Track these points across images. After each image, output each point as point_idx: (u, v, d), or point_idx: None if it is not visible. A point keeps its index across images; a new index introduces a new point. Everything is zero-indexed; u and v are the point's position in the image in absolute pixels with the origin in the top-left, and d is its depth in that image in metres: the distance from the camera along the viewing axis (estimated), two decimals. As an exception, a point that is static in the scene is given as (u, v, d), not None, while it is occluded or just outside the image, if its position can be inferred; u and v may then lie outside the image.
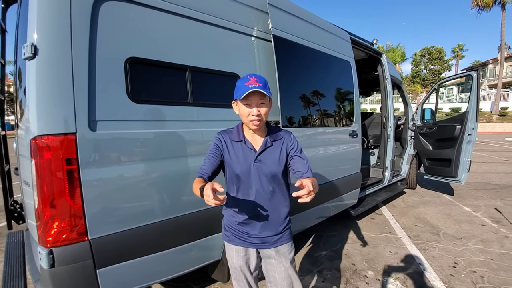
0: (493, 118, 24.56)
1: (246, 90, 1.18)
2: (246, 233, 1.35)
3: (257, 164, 1.29)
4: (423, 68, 40.61)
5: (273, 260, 1.39)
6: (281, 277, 1.38)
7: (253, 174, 1.29)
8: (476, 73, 4.27)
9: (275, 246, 1.37)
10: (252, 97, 1.20)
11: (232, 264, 1.42)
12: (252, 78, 1.21)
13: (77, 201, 1.39)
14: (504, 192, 5.20)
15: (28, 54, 1.29)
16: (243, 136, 1.33)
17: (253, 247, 1.37)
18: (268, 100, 1.25)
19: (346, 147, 3.16)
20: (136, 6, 1.59)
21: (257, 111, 1.21)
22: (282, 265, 1.38)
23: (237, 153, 1.31)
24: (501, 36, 24.77)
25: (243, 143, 1.31)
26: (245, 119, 1.25)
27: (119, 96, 1.52)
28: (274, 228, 1.35)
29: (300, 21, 2.59)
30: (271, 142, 1.32)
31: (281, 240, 1.37)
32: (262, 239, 1.35)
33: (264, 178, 1.30)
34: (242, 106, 1.23)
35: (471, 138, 4.24)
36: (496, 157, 9.52)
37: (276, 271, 1.39)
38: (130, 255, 1.56)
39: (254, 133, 1.32)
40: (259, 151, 1.30)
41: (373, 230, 3.47)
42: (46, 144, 1.32)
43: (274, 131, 1.37)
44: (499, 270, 2.52)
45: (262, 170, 1.29)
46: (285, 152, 1.33)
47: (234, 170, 1.30)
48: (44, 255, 1.34)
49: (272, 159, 1.31)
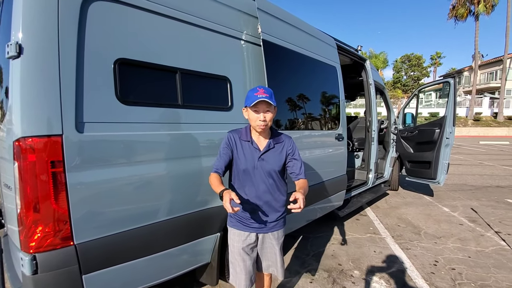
0: (468, 123, 25.79)
1: (255, 99, 1.42)
2: (248, 219, 1.58)
3: (260, 161, 1.53)
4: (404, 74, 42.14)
5: (270, 241, 1.64)
6: (273, 256, 1.67)
7: (256, 170, 1.53)
8: (453, 80, 4.50)
9: (271, 231, 1.62)
10: (260, 105, 1.45)
11: (233, 248, 1.62)
12: (260, 89, 1.45)
13: (63, 205, 1.35)
14: (479, 193, 5.47)
15: (12, 53, 1.25)
16: (250, 137, 1.56)
17: (253, 231, 1.60)
18: (273, 108, 1.49)
19: (332, 150, 3.24)
20: (126, 7, 1.57)
21: (263, 117, 1.46)
22: (275, 247, 1.65)
23: (244, 151, 1.54)
24: (475, 45, 26.16)
25: (250, 143, 1.55)
26: (253, 123, 1.50)
27: (108, 98, 1.50)
28: (272, 216, 1.59)
29: (289, 26, 2.64)
30: (274, 144, 1.57)
31: (277, 226, 1.63)
32: (261, 225, 1.58)
33: (265, 173, 1.54)
34: (251, 112, 1.47)
35: (449, 141, 4.45)
36: (471, 160, 10.00)
37: (269, 251, 1.66)
38: (117, 260, 1.53)
39: (259, 135, 1.56)
40: (263, 151, 1.54)
41: (358, 231, 3.56)
42: (30, 146, 1.28)
43: (276, 135, 1.62)
44: (475, 267, 2.65)
45: (264, 167, 1.53)
46: (284, 154, 1.58)
47: (241, 165, 1.53)
48: (27, 261, 1.29)
49: (273, 158, 1.55)
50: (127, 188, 1.56)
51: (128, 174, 1.56)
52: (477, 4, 24.52)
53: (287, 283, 2.39)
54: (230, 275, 1.66)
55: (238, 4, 2.21)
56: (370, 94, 4.40)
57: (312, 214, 3.00)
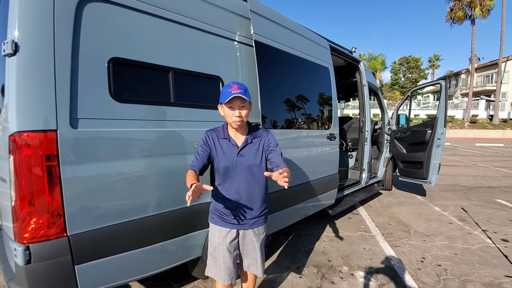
0: (465, 125, 26.02)
1: (229, 95, 1.42)
2: (229, 216, 1.58)
3: (239, 157, 1.53)
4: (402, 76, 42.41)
5: (250, 238, 1.64)
6: (253, 253, 1.66)
7: (235, 166, 1.53)
8: (444, 82, 4.59)
9: (252, 228, 1.62)
10: (234, 101, 1.45)
11: (213, 243, 1.63)
12: (234, 85, 1.45)
13: (57, 198, 1.40)
14: (471, 193, 5.56)
15: (9, 51, 1.30)
16: (228, 134, 1.56)
17: (234, 227, 1.60)
18: (248, 104, 1.50)
19: (324, 149, 3.31)
20: (121, 8, 1.63)
21: (238, 113, 1.46)
22: (255, 244, 1.65)
23: (222, 149, 1.54)
24: (472, 48, 26.39)
25: (227, 140, 1.55)
26: (229, 120, 1.50)
27: (102, 95, 1.55)
28: (252, 212, 1.60)
29: (281, 28, 2.71)
30: (251, 139, 1.57)
31: (257, 222, 1.64)
32: (242, 221, 1.59)
33: (245, 169, 1.54)
34: (227, 108, 1.47)
35: (440, 142, 4.53)
36: (465, 161, 10.12)
37: (250, 248, 1.66)
38: (109, 252, 1.58)
39: (236, 131, 1.56)
40: (241, 147, 1.54)
41: (350, 229, 3.63)
42: (25, 140, 1.33)
43: (253, 129, 1.62)
44: (461, 263, 2.73)
45: (243, 163, 1.54)
46: (262, 148, 1.59)
47: (220, 163, 1.54)
48: (20, 251, 1.34)
49: (252, 153, 1.56)
50: (119, 183, 1.62)
51: (120, 169, 1.62)
52: (473, 8, 24.75)
53: (277, 278, 2.45)
54: (208, 266, 1.66)
55: (231, 6, 2.27)
56: (364, 95, 4.47)
57: (303, 211, 3.06)
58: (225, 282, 1.62)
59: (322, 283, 2.39)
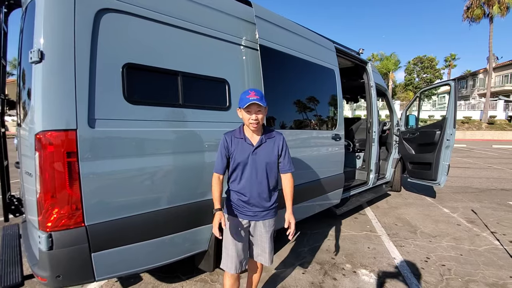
0: (482, 126, 25.19)
1: (248, 101, 1.60)
2: (243, 207, 1.75)
3: (253, 155, 1.71)
4: (416, 76, 41.44)
5: (260, 229, 1.79)
6: (263, 243, 1.81)
7: (250, 163, 1.71)
8: (454, 82, 4.54)
9: (263, 219, 1.78)
10: (251, 107, 1.63)
11: (226, 233, 1.76)
12: (252, 92, 1.63)
13: (76, 191, 1.55)
14: (483, 195, 5.45)
15: (35, 59, 1.46)
16: (244, 135, 1.74)
17: (246, 218, 1.77)
18: (263, 109, 1.67)
19: (329, 149, 3.37)
20: (134, 18, 1.77)
21: (255, 117, 1.64)
22: (264, 235, 1.79)
23: (239, 147, 1.72)
24: (489, 47, 25.56)
25: (243, 140, 1.73)
26: (247, 122, 1.68)
27: (116, 97, 1.70)
28: (264, 205, 1.76)
29: (286, 31, 2.80)
30: (266, 139, 1.75)
31: (268, 215, 1.79)
32: (255, 213, 1.76)
33: (258, 166, 1.71)
34: (244, 112, 1.66)
35: (450, 143, 4.49)
36: (480, 163, 9.85)
37: (259, 239, 1.80)
38: (122, 241, 1.72)
39: (253, 132, 1.73)
40: (256, 146, 1.72)
41: (355, 229, 3.66)
42: (49, 139, 1.48)
43: (268, 131, 1.79)
44: (466, 264, 2.73)
45: (257, 160, 1.71)
46: (276, 149, 1.76)
47: (236, 160, 1.71)
48: (44, 238, 1.50)
49: (265, 152, 1.73)
50: (132, 178, 1.75)
51: (133, 166, 1.75)
52: (491, 6, 23.98)
53: (281, 274, 2.54)
54: (222, 259, 1.79)
55: (237, 12, 2.39)
56: (371, 96, 4.49)
57: (308, 209, 3.13)
58: (236, 271, 1.75)
59: (324, 279, 2.45)
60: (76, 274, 1.59)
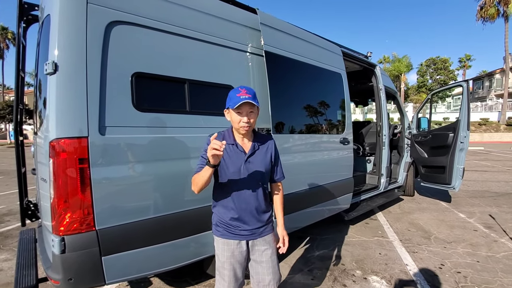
0: (501, 128, 24.29)
1: (239, 100, 1.34)
2: (238, 227, 1.49)
3: (247, 164, 1.46)
4: (429, 78, 40.55)
5: (259, 248, 1.54)
6: (263, 261, 1.54)
7: (242, 173, 1.45)
8: (466, 83, 4.43)
9: (261, 236, 1.54)
10: (243, 107, 1.37)
11: (221, 257, 1.50)
12: (243, 90, 1.38)
13: (87, 196, 1.60)
14: (501, 200, 5.24)
15: (50, 70, 1.54)
16: (234, 140, 1.48)
17: (243, 239, 1.50)
18: (256, 109, 1.43)
19: (338, 153, 3.34)
20: (142, 28, 1.84)
21: (247, 119, 1.39)
22: (268, 252, 1.54)
23: (229, 154, 1.45)
24: (505, 47, 24.80)
25: (234, 146, 1.47)
26: (236, 125, 1.42)
27: (126, 105, 1.76)
28: (260, 220, 1.53)
29: (291, 37, 2.83)
30: (258, 146, 1.51)
31: (266, 230, 1.56)
32: (252, 231, 1.50)
33: (252, 177, 1.47)
34: (234, 114, 1.40)
35: (464, 146, 4.36)
36: (499, 166, 9.48)
37: (263, 255, 1.54)
38: (132, 245, 1.76)
39: (243, 137, 1.49)
40: (249, 154, 1.47)
41: (366, 234, 3.59)
42: (62, 146, 1.55)
43: (260, 136, 1.56)
44: (482, 271, 2.62)
45: (251, 170, 1.46)
46: (269, 156, 1.54)
47: (227, 170, 1.45)
48: (57, 242, 1.55)
49: (260, 161, 1.49)
50: (142, 183, 1.80)
51: (142, 171, 1.81)
52: (506, 4, 23.34)
53: (289, 279, 2.51)
54: (216, 282, 1.54)
55: (243, 20, 2.44)
56: (381, 99, 4.44)
57: (316, 214, 3.10)
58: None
59: (334, 286, 2.41)
60: (87, 277, 1.63)
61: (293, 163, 2.66)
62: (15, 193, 2.51)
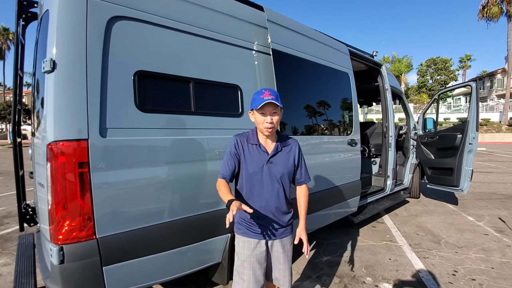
0: (502, 128, 24.18)
1: (262, 101, 1.40)
2: (258, 226, 1.52)
3: (269, 165, 1.51)
4: (429, 78, 40.45)
5: (278, 249, 1.58)
6: (281, 263, 1.58)
7: (264, 174, 1.50)
8: (475, 84, 4.33)
9: (280, 238, 1.57)
10: (266, 108, 1.43)
11: (242, 256, 1.53)
12: (266, 91, 1.44)
13: (87, 202, 1.50)
14: (510, 202, 5.14)
15: (48, 68, 1.45)
16: (258, 140, 1.53)
17: (263, 238, 1.54)
18: (279, 110, 1.48)
19: (345, 155, 3.24)
20: (145, 25, 1.74)
21: (270, 119, 1.44)
22: (285, 255, 1.58)
23: (252, 154, 1.51)
24: (508, 47, 24.69)
25: (258, 146, 1.52)
26: (260, 126, 1.47)
27: (128, 106, 1.66)
28: (281, 221, 1.56)
29: (298, 35, 2.73)
30: (281, 147, 1.55)
31: (285, 232, 1.59)
32: (271, 231, 1.54)
33: (273, 177, 1.51)
34: (258, 115, 1.45)
35: (472, 147, 4.26)
36: (504, 167, 9.38)
37: (279, 259, 1.58)
38: (135, 254, 1.66)
39: (267, 138, 1.54)
40: (271, 154, 1.52)
41: (374, 238, 3.49)
42: (61, 149, 1.45)
43: (283, 138, 1.60)
44: (498, 278, 2.52)
45: (272, 171, 1.51)
46: (292, 158, 1.57)
47: (249, 169, 1.50)
48: (55, 251, 1.45)
49: (282, 162, 1.53)
50: (144, 188, 1.70)
51: (145, 176, 1.70)
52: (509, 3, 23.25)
53: (298, 286, 2.41)
54: (234, 283, 1.54)
55: (249, 17, 2.34)
56: (387, 99, 4.34)
57: (325, 218, 3.00)
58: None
59: (344, 294, 2.32)
60: (87, 289, 1.53)
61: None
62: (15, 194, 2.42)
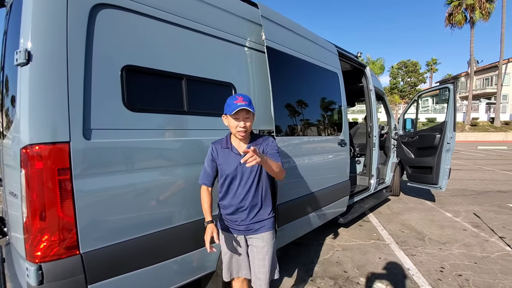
0: (466, 128, 25.99)
1: (236, 107, 1.47)
2: (235, 222, 1.64)
3: (242, 166, 1.56)
4: (400, 80, 42.52)
5: (257, 244, 1.63)
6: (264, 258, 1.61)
7: (239, 174, 1.59)
8: (453, 85, 4.54)
9: (258, 233, 1.64)
10: (240, 113, 1.50)
11: (224, 250, 1.69)
12: (239, 97, 1.51)
13: (69, 213, 1.32)
14: (481, 198, 5.47)
15: (21, 60, 1.25)
16: (230, 144, 1.63)
17: (240, 234, 1.65)
18: (252, 115, 1.57)
19: (336, 155, 3.23)
20: (133, 15, 1.58)
21: (243, 124, 1.52)
22: (264, 250, 1.62)
23: (226, 158, 1.61)
24: (471, 52, 26.55)
25: (229, 149, 1.62)
26: (234, 130, 1.56)
27: (115, 105, 1.49)
28: (256, 217, 1.63)
29: (292, 33, 2.67)
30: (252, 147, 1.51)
31: (264, 228, 1.64)
32: (248, 227, 1.63)
33: (248, 176, 1.59)
34: (232, 119, 1.53)
35: (450, 146, 4.47)
36: (470, 165, 10.03)
37: (260, 252, 1.62)
38: (123, 270, 1.50)
39: (240, 141, 1.62)
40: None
41: (362, 237, 3.53)
42: (37, 153, 1.26)
43: (255, 138, 1.67)
44: (482, 273, 2.63)
45: (246, 170, 1.59)
46: (262, 152, 1.59)
47: (224, 172, 1.61)
48: (33, 271, 1.26)
49: None
50: (133, 196, 1.54)
51: (135, 182, 1.54)
52: (472, 11, 24.97)
53: (293, 291, 2.35)
54: (223, 271, 1.72)
55: (242, 12, 2.23)
56: (371, 100, 4.42)
57: (316, 220, 2.97)
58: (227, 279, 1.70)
59: (340, 296, 2.29)
60: (70, 312, 1.35)
61: (294, 167, 2.50)
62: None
